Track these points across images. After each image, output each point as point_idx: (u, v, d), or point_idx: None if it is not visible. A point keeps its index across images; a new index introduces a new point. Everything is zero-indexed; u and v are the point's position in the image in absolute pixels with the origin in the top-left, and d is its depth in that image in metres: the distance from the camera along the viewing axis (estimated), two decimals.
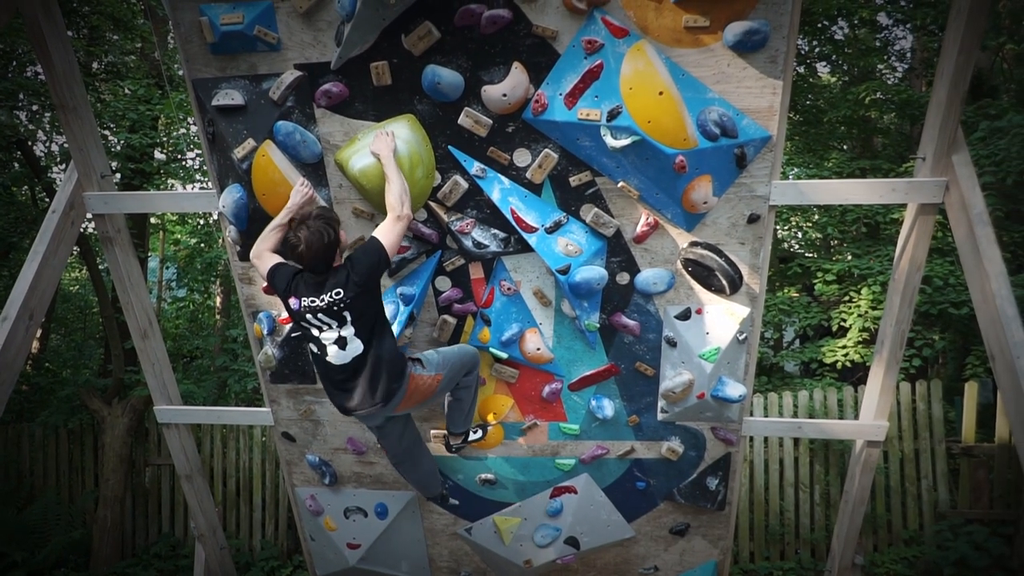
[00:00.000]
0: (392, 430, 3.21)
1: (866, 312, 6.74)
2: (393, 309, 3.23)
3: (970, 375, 6.46)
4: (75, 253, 8.23)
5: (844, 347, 6.88)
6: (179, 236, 10.80)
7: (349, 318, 2.72)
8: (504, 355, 3.29)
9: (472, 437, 3.44)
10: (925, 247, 3.09)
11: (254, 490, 6.63)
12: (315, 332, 2.76)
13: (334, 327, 2.73)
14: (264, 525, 6.61)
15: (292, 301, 2.76)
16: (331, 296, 2.69)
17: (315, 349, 2.81)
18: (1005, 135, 6.02)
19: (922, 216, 3.02)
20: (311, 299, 2.72)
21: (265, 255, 2.87)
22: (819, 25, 8.36)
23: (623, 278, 3.10)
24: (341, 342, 2.74)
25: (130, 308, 3.64)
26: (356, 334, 2.74)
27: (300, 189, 2.91)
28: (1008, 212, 7.44)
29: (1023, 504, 5.20)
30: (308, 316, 2.74)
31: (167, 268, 10.74)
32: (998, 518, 5.63)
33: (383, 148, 2.73)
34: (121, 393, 6.74)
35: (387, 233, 2.70)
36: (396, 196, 2.68)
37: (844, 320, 7.01)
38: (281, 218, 2.88)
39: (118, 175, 6.96)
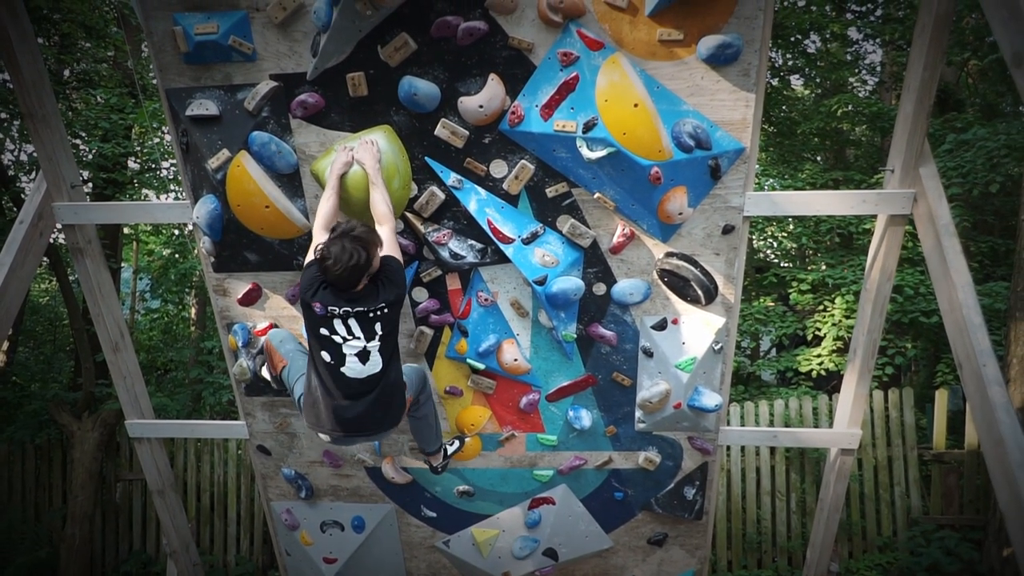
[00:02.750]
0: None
1: (840, 321, 6.85)
2: None
3: (940, 382, 6.58)
4: (44, 264, 8.07)
5: (819, 356, 6.97)
6: (153, 247, 10.64)
7: (380, 333, 2.61)
8: (481, 366, 3.28)
9: (451, 450, 3.41)
10: (895, 257, 3.15)
11: (229, 504, 6.53)
12: (337, 340, 2.60)
13: (361, 339, 2.60)
14: (239, 540, 6.50)
15: (316, 307, 2.59)
16: (371, 305, 2.58)
17: (328, 358, 2.63)
18: (971, 148, 6.18)
19: (892, 227, 3.08)
20: (343, 309, 2.56)
21: (317, 235, 2.65)
22: (792, 39, 8.53)
23: (600, 289, 3.11)
24: (364, 355, 2.62)
25: (101, 320, 3.57)
26: (380, 351, 2.63)
27: (342, 154, 2.73)
28: (975, 223, 7.62)
29: (991, 509, 5.28)
30: (336, 322, 2.58)
31: (140, 279, 10.57)
32: (968, 523, 5.72)
33: (368, 158, 2.69)
34: (92, 407, 6.60)
35: (394, 246, 2.65)
36: (387, 205, 2.64)
37: (819, 329, 7.11)
38: (331, 186, 2.71)
39: (89, 185, 6.86)
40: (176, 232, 9.04)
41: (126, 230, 9.06)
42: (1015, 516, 2.18)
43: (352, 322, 2.59)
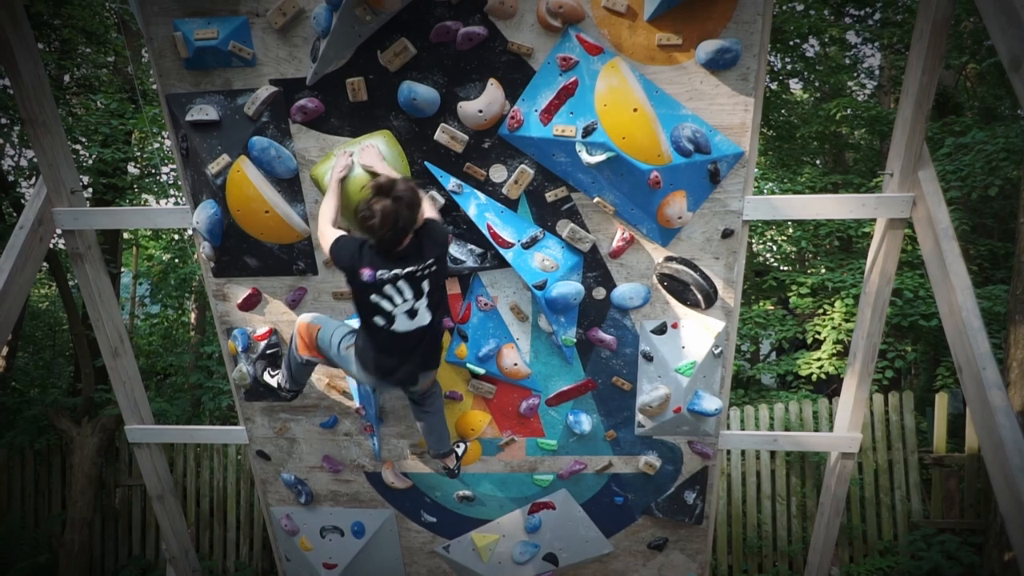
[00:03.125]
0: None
1: (840, 325, 6.85)
2: None
3: (941, 386, 6.58)
4: (44, 269, 8.08)
5: (819, 359, 6.97)
6: (153, 251, 10.64)
7: (427, 289, 2.63)
8: (481, 371, 3.28)
9: (460, 452, 3.41)
10: (894, 261, 3.15)
11: (228, 510, 6.51)
12: (387, 306, 2.60)
13: (410, 299, 2.61)
14: (239, 546, 6.49)
15: (365, 272, 2.55)
16: (418, 265, 2.58)
17: (380, 322, 2.64)
18: (969, 151, 6.19)
19: (891, 230, 3.09)
20: (392, 272, 2.56)
21: (328, 231, 2.67)
22: (791, 43, 8.55)
23: (599, 293, 3.11)
24: (412, 313, 2.64)
25: (100, 325, 3.57)
26: (428, 306, 2.66)
27: (341, 158, 2.75)
28: (974, 226, 7.63)
29: (992, 513, 5.28)
30: (387, 287, 2.57)
31: (140, 284, 10.57)
32: (968, 527, 5.71)
33: (374, 160, 2.72)
34: (91, 412, 6.59)
35: (433, 212, 2.73)
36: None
37: (819, 333, 7.11)
38: (332, 189, 2.71)
39: (89, 190, 6.86)
40: (176, 237, 9.05)
41: (126, 235, 9.06)
42: (1016, 520, 2.17)
43: (402, 284, 2.58)
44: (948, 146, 6.45)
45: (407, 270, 2.56)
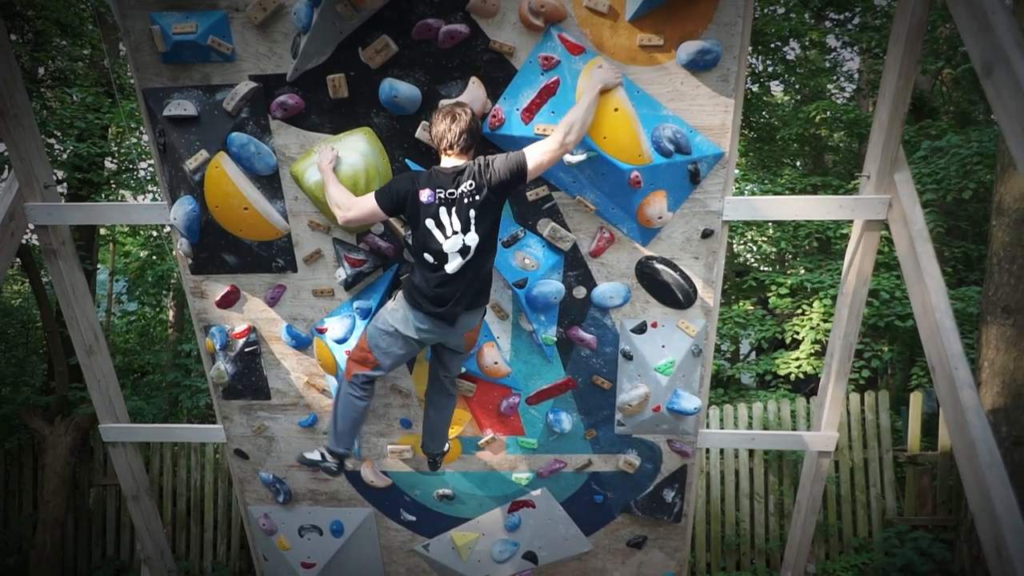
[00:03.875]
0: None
1: (818, 325, 6.93)
2: (350, 323, 3.19)
3: (916, 385, 6.68)
4: (16, 265, 7.93)
5: (797, 359, 7.05)
6: (130, 248, 10.48)
7: (474, 224, 2.59)
8: (462, 368, 3.27)
9: (445, 448, 3.37)
10: (871, 262, 3.19)
11: (206, 509, 6.45)
12: (439, 236, 2.60)
13: (459, 232, 2.60)
14: (216, 545, 6.42)
15: (425, 194, 2.59)
16: (466, 187, 2.57)
17: (431, 259, 2.65)
18: (945, 154, 6.29)
19: (868, 232, 3.13)
20: (448, 191, 2.58)
21: (356, 200, 2.68)
22: (772, 45, 8.64)
23: (580, 292, 3.12)
24: (464, 250, 2.62)
25: (75, 323, 3.52)
26: (476, 243, 2.63)
27: (324, 151, 2.77)
28: (949, 228, 7.76)
29: (963, 510, 5.37)
30: (441, 211, 2.58)
31: (117, 281, 10.41)
32: (941, 524, 5.82)
33: (325, 164, 2.75)
34: (65, 411, 6.48)
35: (533, 154, 2.64)
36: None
37: (797, 333, 7.19)
38: (330, 180, 2.72)
39: (64, 185, 6.75)
40: (155, 233, 8.93)
41: (103, 231, 8.92)
42: (985, 517, 2.22)
43: (453, 212, 2.59)
44: (924, 149, 6.56)
45: (460, 189, 2.57)
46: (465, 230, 2.60)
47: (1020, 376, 5.07)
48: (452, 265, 2.64)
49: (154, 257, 8.58)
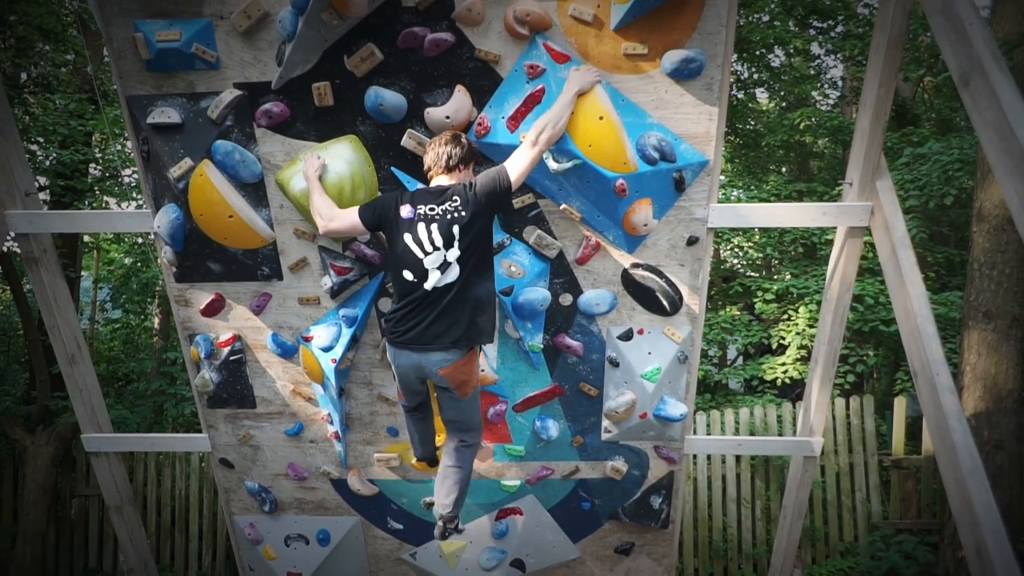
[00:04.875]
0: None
1: (804, 330, 6.99)
2: (336, 331, 3.18)
3: (900, 390, 6.74)
4: None
5: (783, 364, 7.10)
6: (115, 255, 10.38)
7: (457, 241, 2.55)
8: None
9: (452, 528, 3.18)
10: (854, 267, 3.22)
11: (191, 519, 6.38)
12: (418, 253, 2.56)
13: (441, 249, 2.55)
14: (201, 556, 6.35)
15: (406, 209, 2.58)
16: (449, 205, 2.55)
17: (409, 276, 2.59)
18: (927, 161, 6.37)
19: (851, 238, 3.16)
20: (429, 207, 2.56)
21: (339, 212, 2.68)
22: (756, 53, 8.72)
23: (566, 299, 3.13)
24: (444, 266, 2.56)
25: (56, 332, 3.48)
26: (459, 259, 2.56)
27: (310, 159, 2.77)
28: (931, 234, 7.85)
29: (947, 513, 5.42)
30: (420, 228, 2.55)
31: (101, 288, 10.31)
32: (925, 527, 5.86)
33: (311, 171, 2.75)
34: (46, 421, 6.40)
35: (512, 164, 2.63)
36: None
37: (783, 338, 7.24)
38: (314, 188, 2.72)
39: (47, 192, 6.68)
40: (139, 240, 8.85)
41: (86, 238, 8.83)
42: (966, 520, 2.24)
43: (434, 228, 2.55)
44: (907, 156, 6.63)
45: (443, 206, 2.55)
46: (447, 246, 2.56)
47: (1001, 380, 5.13)
48: (431, 281, 2.57)
49: (139, 264, 8.51)
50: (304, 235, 3.07)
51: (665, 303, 3.10)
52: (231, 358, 3.36)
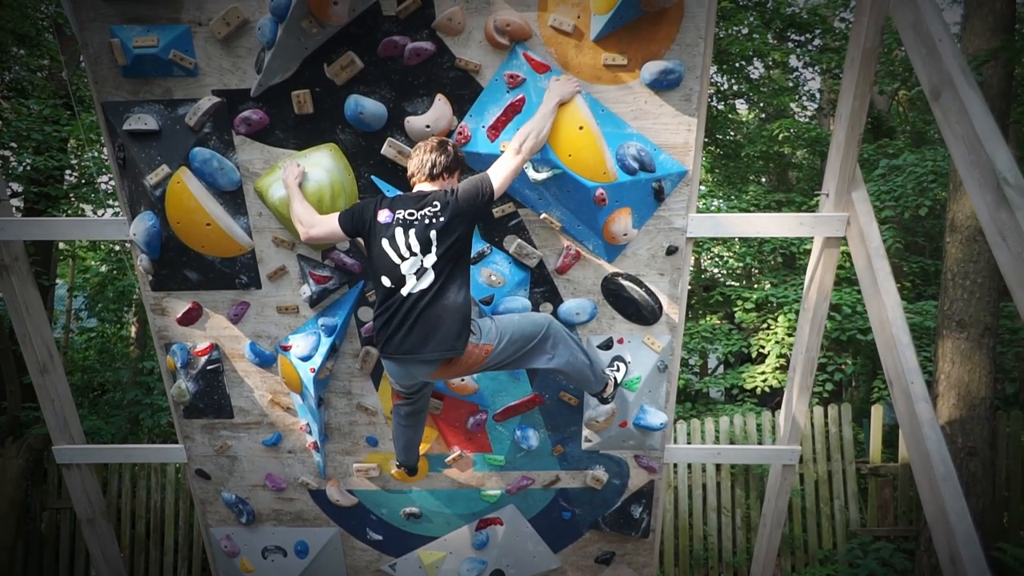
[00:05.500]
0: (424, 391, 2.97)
1: (783, 339, 7.05)
2: (315, 340, 3.15)
3: (877, 398, 6.82)
4: None
5: (763, 373, 7.15)
6: (90, 263, 10.22)
7: (435, 246, 2.50)
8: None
9: (619, 377, 3.12)
10: (831, 277, 3.26)
11: (166, 531, 6.27)
12: (394, 258, 2.52)
13: (418, 255, 2.51)
14: (176, 569, 6.24)
15: (383, 214, 2.55)
16: (428, 211, 2.52)
17: (387, 283, 2.55)
18: (902, 173, 6.48)
19: (827, 248, 3.19)
20: (408, 211, 2.52)
21: (319, 219, 2.66)
22: (736, 65, 8.83)
23: (546, 308, 3.13)
24: (420, 272, 2.51)
25: (28, 341, 3.41)
26: (434, 265, 2.52)
27: (290, 167, 2.76)
28: (907, 243, 7.98)
29: (922, 520, 5.49)
30: (398, 232, 2.51)
31: (76, 296, 10.13)
32: (902, 534, 5.93)
33: (290, 179, 2.74)
34: (17, 432, 6.26)
35: (495, 172, 2.61)
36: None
37: (763, 347, 7.30)
38: (295, 196, 2.71)
39: (20, 199, 6.57)
40: (117, 248, 8.73)
41: (62, 245, 8.69)
42: (940, 527, 2.26)
43: (412, 234, 2.51)
44: (882, 167, 6.74)
45: (422, 211, 2.52)
46: (424, 251, 2.52)
47: (974, 388, 5.21)
48: (408, 287, 2.52)
49: (115, 272, 8.39)
50: (283, 243, 3.04)
51: (645, 312, 3.11)
52: (208, 367, 3.32)
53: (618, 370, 3.15)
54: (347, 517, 3.70)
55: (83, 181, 7.59)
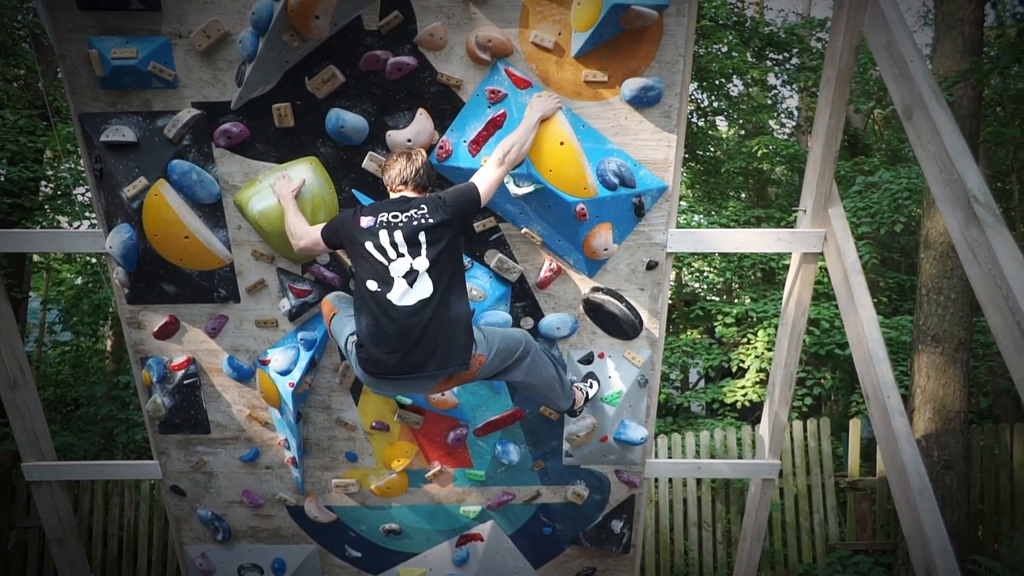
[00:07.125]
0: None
1: (763, 353, 7.11)
2: (294, 354, 3.12)
3: (855, 412, 6.89)
4: None
5: (743, 387, 7.20)
6: (66, 275, 10.06)
7: (424, 248, 2.42)
8: (408, 400, 3.23)
9: (591, 393, 3.11)
10: (809, 292, 3.30)
11: (139, 550, 6.14)
12: (381, 259, 2.42)
13: (407, 256, 2.41)
14: None
15: (366, 220, 2.47)
16: (415, 212, 2.45)
17: (374, 287, 2.43)
18: (877, 189, 6.59)
19: (805, 264, 3.24)
20: (392, 214, 2.46)
21: (305, 230, 2.63)
22: (716, 82, 8.97)
23: (527, 323, 3.13)
24: (411, 276, 2.40)
25: None
26: (428, 271, 2.41)
27: (282, 179, 2.74)
28: (883, 259, 8.11)
29: (899, 533, 5.53)
30: (382, 234, 2.42)
31: (50, 309, 9.96)
32: (880, 547, 5.97)
33: (284, 190, 2.71)
34: None
35: (480, 181, 2.58)
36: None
37: (743, 361, 7.35)
38: (289, 207, 2.69)
39: None
40: (93, 260, 8.60)
41: (36, 257, 8.54)
42: (916, 540, 2.28)
43: (398, 234, 2.43)
44: (859, 184, 6.87)
45: (407, 214, 2.47)
46: (414, 254, 2.44)
47: (949, 402, 5.29)
48: (397, 292, 2.41)
49: (91, 285, 8.26)
50: (262, 257, 3.02)
51: (625, 327, 3.12)
52: (185, 382, 3.27)
53: (591, 387, 3.14)
54: (326, 534, 3.65)
55: (59, 192, 7.49)
